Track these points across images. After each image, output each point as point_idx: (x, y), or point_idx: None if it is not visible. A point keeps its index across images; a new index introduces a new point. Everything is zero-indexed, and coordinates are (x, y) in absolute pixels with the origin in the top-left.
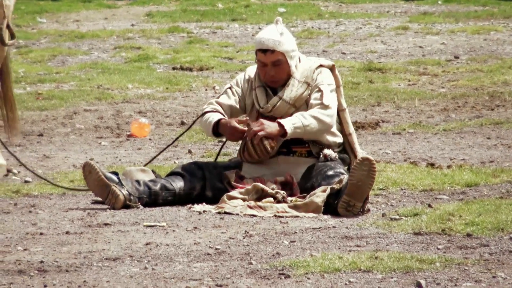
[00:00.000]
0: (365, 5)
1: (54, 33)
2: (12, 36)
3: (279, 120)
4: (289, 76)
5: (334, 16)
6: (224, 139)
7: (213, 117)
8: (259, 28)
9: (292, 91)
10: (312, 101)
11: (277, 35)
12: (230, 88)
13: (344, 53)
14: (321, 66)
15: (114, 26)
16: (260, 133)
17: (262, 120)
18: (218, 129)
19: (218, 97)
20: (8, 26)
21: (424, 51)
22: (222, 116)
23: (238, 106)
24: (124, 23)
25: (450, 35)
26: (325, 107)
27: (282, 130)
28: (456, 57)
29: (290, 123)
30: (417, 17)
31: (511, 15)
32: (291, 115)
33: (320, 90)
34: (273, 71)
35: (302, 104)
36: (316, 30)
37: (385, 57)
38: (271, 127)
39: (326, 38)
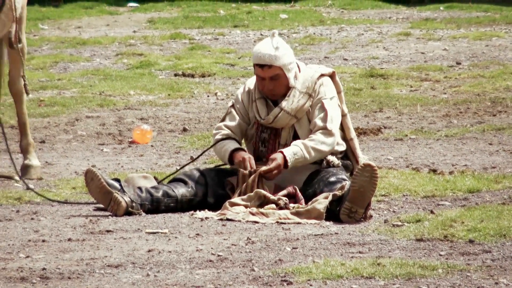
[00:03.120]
0: (367, 11)
1: (56, 40)
2: (19, 41)
3: (283, 151)
4: (288, 88)
5: (336, 22)
6: None
7: (229, 146)
8: (261, 35)
9: (293, 102)
10: (316, 121)
11: (273, 49)
12: (232, 106)
13: (346, 59)
14: (322, 75)
15: (116, 32)
16: (268, 174)
17: (274, 163)
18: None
19: (223, 119)
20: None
21: (426, 57)
22: (237, 145)
23: (244, 123)
24: (126, 29)
25: (452, 41)
26: (328, 133)
27: (284, 162)
28: (458, 63)
29: (293, 158)
30: (419, 23)
31: None
32: (291, 126)
33: (324, 109)
34: (271, 85)
35: (304, 115)
36: (318, 36)
37: (387, 63)
38: (280, 163)
39: (328, 44)
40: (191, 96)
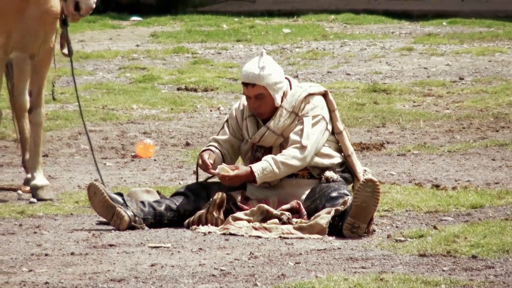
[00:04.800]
0: (370, 26)
1: (58, 54)
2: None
3: (251, 166)
4: (274, 108)
5: (339, 37)
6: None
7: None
8: (264, 49)
9: (280, 121)
10: (291, 135)
11: (258, 69)
12: (227, 121)
13: (348, 74)
14: (310, 94)
15: (119, 46)
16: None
17: (235, 172)
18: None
19: (218, 133)
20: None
21: (428, 72)
22: (206, 148)
23: (235, 139)
24: (129, 43)
25: (455, 56)
26: (301, 148)
27: (252, 176)
28: (461, 78)
29: (262, 173)
30: (422, 38)
31: None
32: (280, 145)
33: (302, 123)
34: (256, 103)
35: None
36: (321, 51)
37: (389, 78)
38: (240, 174)
39: (331, 59)
40: (194, 111)
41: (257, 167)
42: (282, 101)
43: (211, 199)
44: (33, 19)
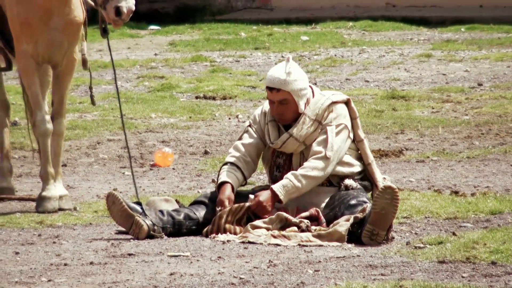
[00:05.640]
0: (388, 32)
1: (77, 63)
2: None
3: (272, 186)
4: (297, 114)
5: (357, 44)
6: None
7: (222, 175)
8: (282, 57)
9: (302, 129)
10: (314, 146)
11: (284, 74)
12: (250, 126)
13: (367, 81)
14: (334, 103)
15: (137, 55)
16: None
17: (256, 199)
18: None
19: (240, 137)
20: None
21: (447, 79)
22: (228, 178)
23: (262, 143)
24: (147, 52)
25: (473, 62)
26: (325, 159)
27: (276, 198)
28: (480, 84)
29: (284, 190)
30: (440, 44)
31: None
32: (300, 152)
33: (325, 133)
34: (280, 109)
35: (313, 142)
36: (339, 58)
37: (408, 84)
38: (264, 199)
39: (349, 66)
40: (213, 119)
41: (277, 187)
42: (305, 108)
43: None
44: (57, 29)
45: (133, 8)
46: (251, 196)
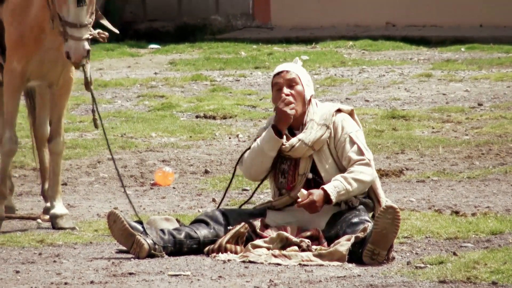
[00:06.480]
0: (388, 52)
1: (77, 82)
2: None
3: (323, 186)
4: (304, 109)
5: (357, 64)
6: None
7: (263, 136)
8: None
9: (311, 133)
10: (350, 155)
11: (292, 63)
12: (258, 137)
13: (367, 101)
14: (340, 110)
15: (137, 74)
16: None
17: (309, 198)
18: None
19: (248, 149)
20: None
21: (447, 98)
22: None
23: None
24: (147, 71)
25: (474, 82)
26: (366, 164)
27: (326, 197)
28: (480, 104)
29: (335, 191)
30: (440, 64)
31: None
32: (309, 157)
33: (353, 142)
34: (289, 92)
35: (321, 146)
36: (339, 77)
37: (408, 104)
38: (318, 199)
39: (349, 85)
40: (213, 138)
41: (329, 187)
42: (309, 112)
43: (228, 228)
44: (51, 49)
45: (82, 52)
46: (303, 191)
